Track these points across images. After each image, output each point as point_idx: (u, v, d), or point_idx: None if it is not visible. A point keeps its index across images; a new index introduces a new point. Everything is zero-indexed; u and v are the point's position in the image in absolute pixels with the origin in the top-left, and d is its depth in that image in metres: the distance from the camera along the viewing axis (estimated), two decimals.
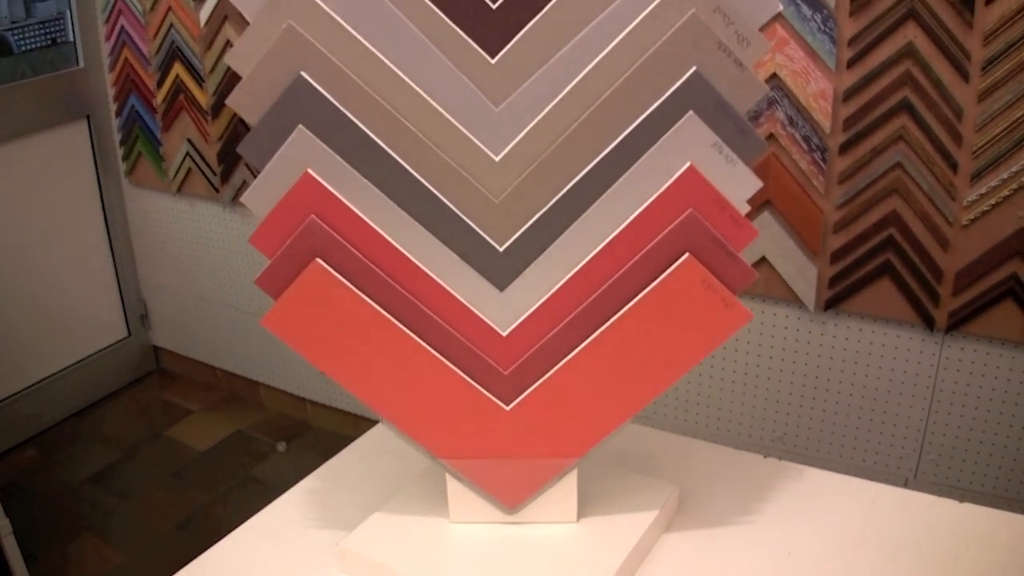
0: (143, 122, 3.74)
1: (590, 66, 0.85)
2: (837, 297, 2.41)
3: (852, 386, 2.52)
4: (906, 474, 2.53)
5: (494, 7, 0.85)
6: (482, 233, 0.91)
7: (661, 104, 0.86)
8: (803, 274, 2.42)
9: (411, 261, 0.92)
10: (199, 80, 3.42)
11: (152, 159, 3.76)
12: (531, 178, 0.89)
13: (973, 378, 2.35)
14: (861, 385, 2.51)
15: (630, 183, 0.88)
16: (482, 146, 0.88)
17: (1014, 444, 2.35)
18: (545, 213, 0.90)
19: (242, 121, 3.24)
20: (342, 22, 0.86)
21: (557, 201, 0.90)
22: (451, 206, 0.90)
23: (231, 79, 3.27)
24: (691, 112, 0.86)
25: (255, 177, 0.91)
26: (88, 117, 3.88)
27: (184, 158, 3.60)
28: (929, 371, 2.40)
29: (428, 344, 0.95)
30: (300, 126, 0.88)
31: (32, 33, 3.76)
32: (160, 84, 3.59)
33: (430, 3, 0.85)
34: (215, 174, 3.50)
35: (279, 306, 0.95)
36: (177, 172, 3.66)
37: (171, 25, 3.44)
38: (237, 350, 3.92)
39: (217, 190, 3.53)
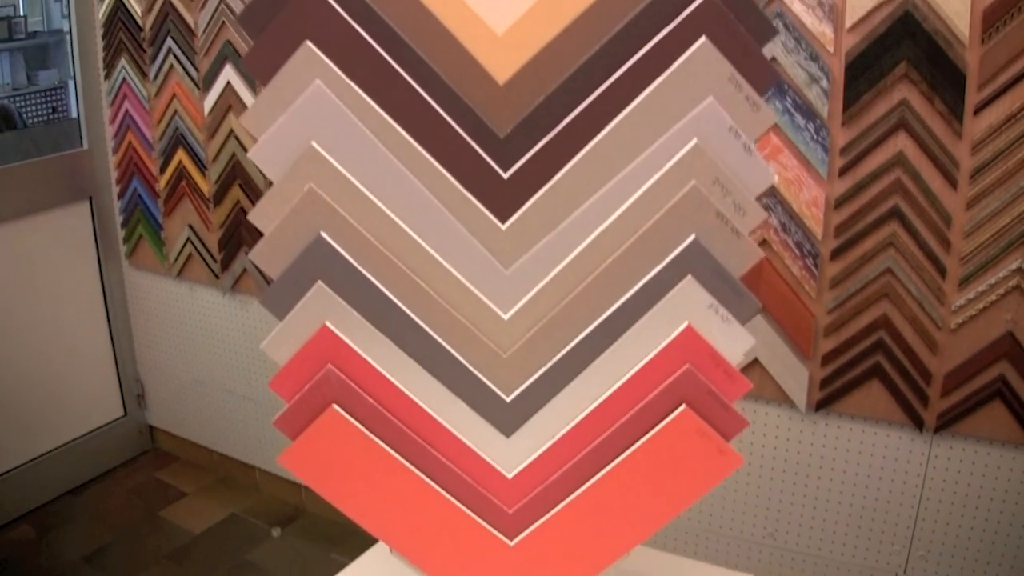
0: (145, 206, 3.79)
1: (596, 232, 0.90)
2: (828, 398, 2.45)
3: (842, 484, 2.55)
4: (896, 570, 2.55)
5: (506, 177, 0.90)
6: (490, 385, 0.96)
7: (662, 269, 0.91)
8: (794, 376, 2.46)
9: (423, 409, 0.97)
10: (202, 167, 3.47)
11: (153, 243, 3.81)
12: (538, 335, 0.94)
13: (961, 476, 2.38)
14: (851, 483, 2.54)
15: (632, 340, 0.93)
16: (492, 305, 0.93)
17: (1001, 540, 2.38)
18: (550, 367, 0.95)
19: (243, 210, 3.29)
20: (361, 187, 0.91)
21: (562, 356, 0.94)
22: (462, 359, 0.95)
23: (233, 168, 3.33)
24: (690, 276, 0.90)
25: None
26: (91, 198, 3.94)
27: (185, 243, 3.64)
28: (918, 469, 2.43)
29: (438, 485, 0.99)
30: (319, 282, 0.93)
31: (34, 101, 3.83)
32: (163, 169, 3.64)
33: (445, 172, 0.90)
34: (216, 261, 3.54)
35: (296, 446, 0.99)
36: (178, 257, 3.71)
37: (175, 112, 3.50)
38: (233, 433, 3.93)
39: (217, 276, 3.57)
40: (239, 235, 3.40)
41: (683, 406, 0.94)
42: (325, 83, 0.88)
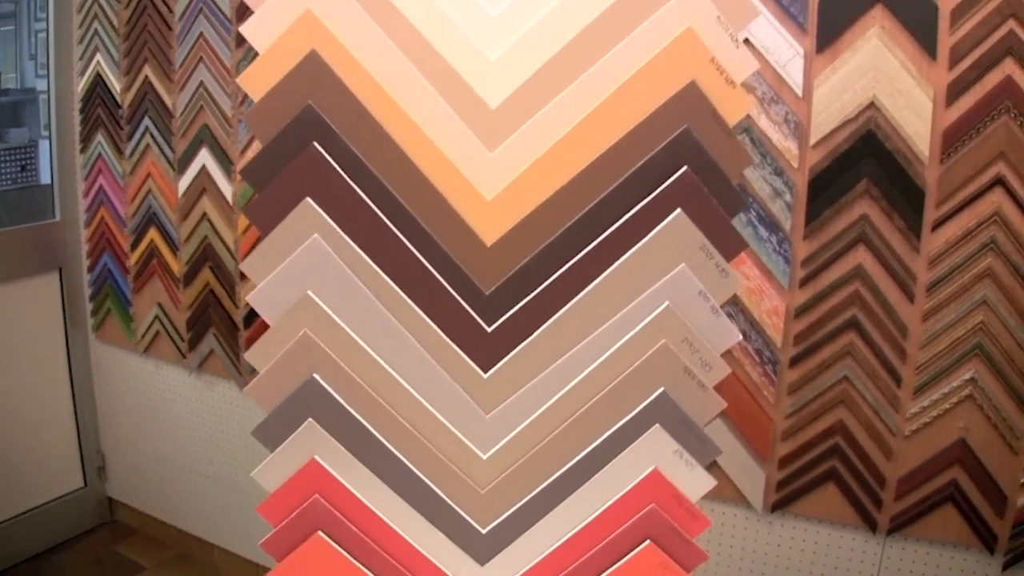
0: (115, 281, 3.80)
1: (572, 383, 0.97)
2: (784, 500, 2.50)
3: None
4: None
5: (489, 330, 0.96)
6: (468, 518, 1.02)
7: (632, 418, 0.97)
8: (752, 477, 2.51)
9: (403, 539, 1.02)
10: (173, 247, 3.49)
11: (121, 318, 3.82)
12: (514, 474, 0.99)
13: None
14: None
15: (602, 481, 0.99)
16: (472, 446, 0.99)
17: None
18: (525, 504, 1.01)
19: (213, 292, 3.32)
20: (353, 334, 0.97)
21: (536, 494, 1.00)
22: (442, 495, 1.01)
23: (205, 250, 3.35)
24: (658, 425, 0.97)
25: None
26: (60, 270, 3.94)
27: (153, 321, 3.65)
28: (871, 570, 2.48)
29: None
30: (310, 419, 0.98)
31: (2, 158, 3.84)
32: (134, 247, 3.66)
33: (432, 324, 0.96)
34: (183, 340, 3.55)
35: (282, 568, 1.05)
36: (145, 334, 3.71)
37: (149, 190, 3.52)
38: (193, 510, 3.91)
39: (184, 356, 3.58)
40: (208, 316, 3.42)
41: (647, 541, 1.00)
42: (322, 236, 0.94)
